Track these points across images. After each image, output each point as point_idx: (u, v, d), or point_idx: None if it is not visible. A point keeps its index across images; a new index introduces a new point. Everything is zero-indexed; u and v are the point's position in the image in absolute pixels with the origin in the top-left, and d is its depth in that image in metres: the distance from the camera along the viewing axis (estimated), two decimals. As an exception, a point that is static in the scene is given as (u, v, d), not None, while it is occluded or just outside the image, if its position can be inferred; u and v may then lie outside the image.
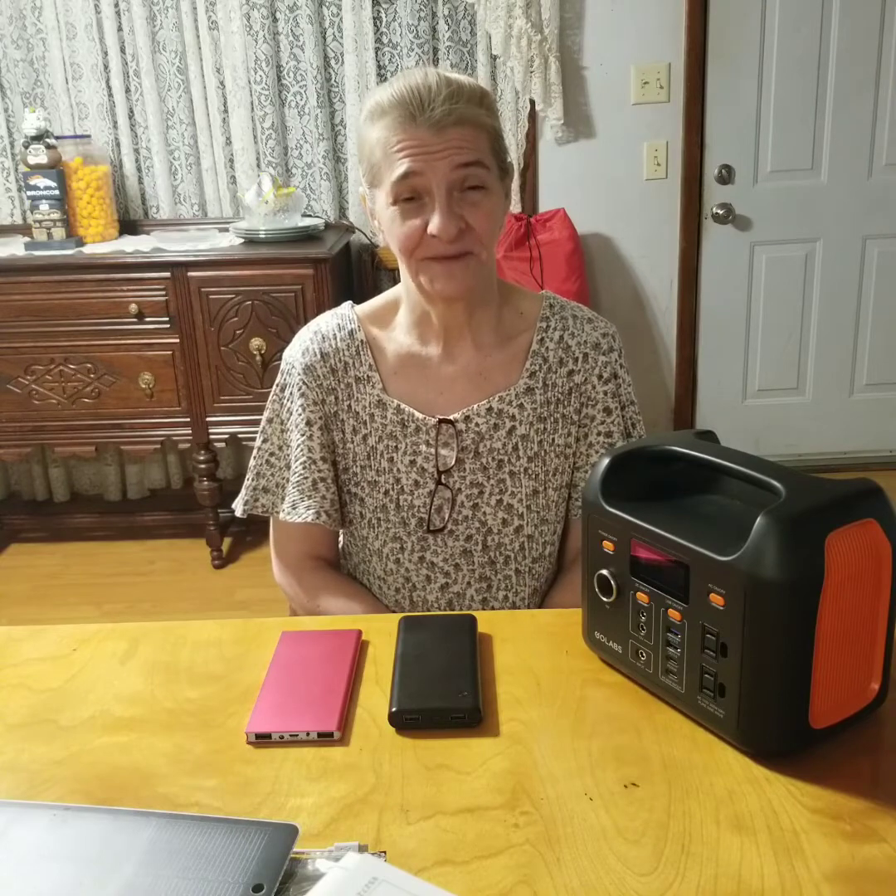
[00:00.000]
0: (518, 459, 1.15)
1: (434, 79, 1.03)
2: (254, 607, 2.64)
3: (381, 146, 1.04)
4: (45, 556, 3.08)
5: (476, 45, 2.89)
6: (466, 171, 1.03)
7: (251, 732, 0.79)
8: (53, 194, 2.73)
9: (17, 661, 0.94)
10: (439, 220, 1.03)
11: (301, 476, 1.17)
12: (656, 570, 0.78)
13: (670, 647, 0.78)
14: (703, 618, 0.74)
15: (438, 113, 1.01)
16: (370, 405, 1.15)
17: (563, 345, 1.16)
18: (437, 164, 1.02)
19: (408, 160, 1.02)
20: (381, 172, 1.06)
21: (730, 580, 0.71)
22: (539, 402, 1.15)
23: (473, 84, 1.06)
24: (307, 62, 2.89)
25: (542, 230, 2.91)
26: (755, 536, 0.69)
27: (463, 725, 0.80)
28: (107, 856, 0.65)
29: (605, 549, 0.83)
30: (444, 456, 1.14)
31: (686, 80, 2.94)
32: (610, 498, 0.82)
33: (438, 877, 0.64)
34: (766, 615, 0.69)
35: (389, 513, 1.17)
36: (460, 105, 1.02)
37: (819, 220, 3.08)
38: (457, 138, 1.02)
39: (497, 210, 1.08)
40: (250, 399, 2.68)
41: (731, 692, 0.73)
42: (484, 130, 1.05)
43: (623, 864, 0.64)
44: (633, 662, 0.83)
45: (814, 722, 0.72)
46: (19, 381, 2.72)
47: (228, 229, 2.86)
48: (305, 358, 1.16)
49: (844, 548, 0.69)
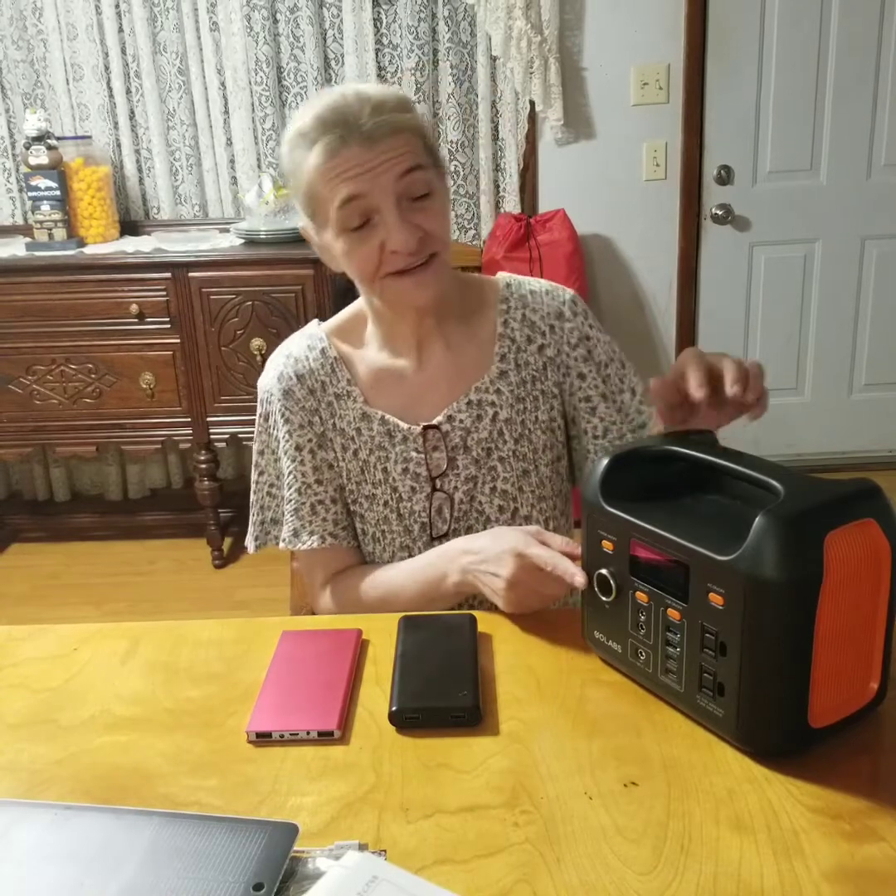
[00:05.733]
0: (505, 444, 1.15)
1: (353, 96, 1.01)
2: (254, 607, 2.64)
3: (317, 175, 1.01)
4: (46, 556, 3.08)
5: (476, 47, 2.89)
6: (409, 178, 1.01)
7: (251, 731, 0.80)
8: (54, 195, 2.73)
9: (18, 661, 0.94)
10: (397, 234, 1.00)
11: (298, 503, 1.15)
12: (656, 569, 0.78)
13: (669, 647, 0.78)
14: (702, 617, 0.74)
15: (368, 128, 0.99)
16: (355, 420, 1.14)
17: (527, 322, 1.16)
18: (380, 179, 1.00)
19: (349, 183, 0.99)
20: (322, 203, 1.03)
21: (729, 580, 0.71)
22: (515, 382, 1.15)
23: (392, 90, 1.05)
24: (308, 63, 2.89)
25: (541, 231, 2.91)
26: (754, 536, 0.69)
27: (463, 724, 0.80)
28: (108, 855, 0.65)
29: (604, 548, 0.83)
30: (435, 459, 1.14)
31: (685, 81, 2.94)
32: (609, 498, 0.83)
33: (438, 875, 0.64)
34: (765, 615, 0.70)
35: (392, 523, 1.16)
36: (386, 115, 1.00)
37: (818, 221, 3.09)
38: (391, 148, 1.00)
39: (446, 206, 1.08)
40: (251, 399, 2.67)
41: (730, 691, 0.73)
42: (414, 133, 1.03)
43: (623, 864, 0.64)
44: (633, 662, 0.83)
45: (813, 721, 0.72)
46: (20, 382, 2.72)
47: (229, 230, 2.86)
48: (282, 383, 1.14)
49: (843, 547, 0.69)
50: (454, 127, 2.95)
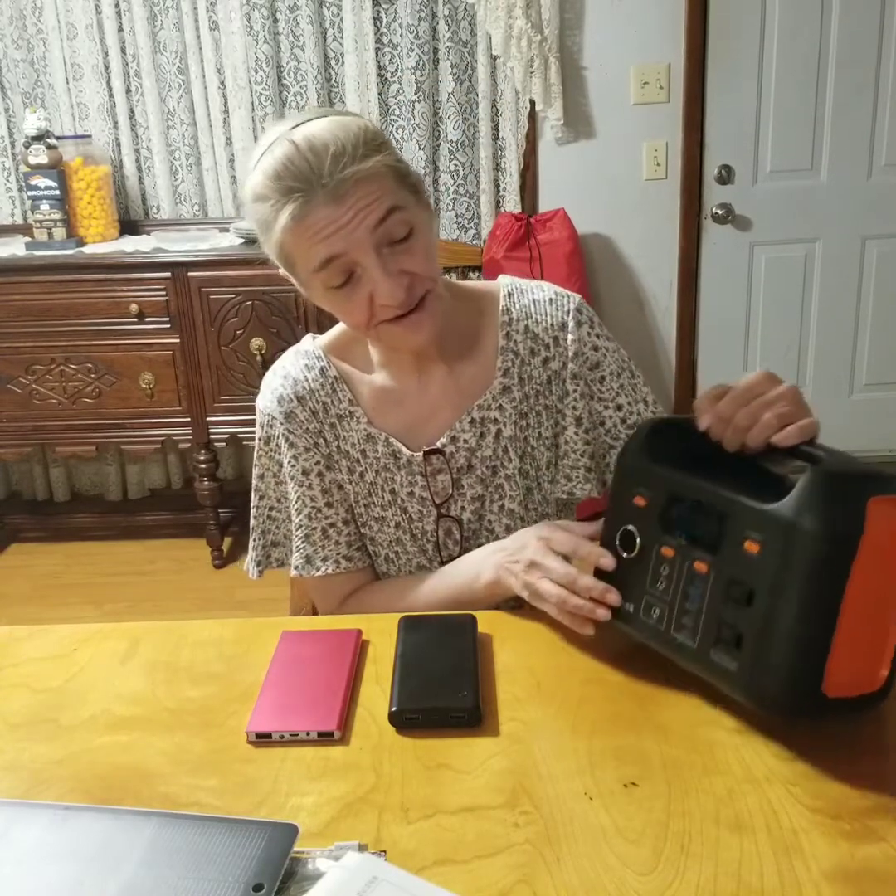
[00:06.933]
0: (510, 462, 1.11)
1: (305, 147, 0.92)
2: (254, 607, 2.64)
3: (288, 237, 0.95)
4: (46, 556, 3.08)
5: (476, 46, 2.89)
6: (386, 225, 0.94)
7: (251, 732, 0.80)
8: (54, 194, 2.73)
9: (18, 661, 0.94)
10: (384, 288, 0.95)
11: (309, 528, 1.11)
12: (689, 522, 0.80)
13: (688, 601, 0.79)
14: (732, 567, 0.75)
15: (332, 186, 0.91)
16: (359, 441, 1.10)
17: (531, 334, 1.11)
18: (355, 235, 0.93)
19: (323, 244, 0.93)
20: (299, 263, 0.98)
21: (770, 527, 0.72)
22: (518, 398, 1.11)
23: (347, 129, 0.94)
24: (307, 62, 2.89)
25: (541, 230, 2.91)
26: (802, 487, 0.71)
27: (463, 725, 0.80)
28: (107, 855, 0.65)
29: (635, 504, 0.85)
30: (440, 482, 1.11)
31: (686, 80, 2.94)
32: (650, 455, 0.85)
33: (438, 876, 0.64)
34: (801, 564, 0.71)
35: (406, 544, 1.13)
36: (349, 167, 0.91)
37: (819, 221, 3.08)
38: (361, 199, 0.92)
39: (430, 236, 1.00)
40: (251, 399, 2.66)
41: (748, 643, 0.73)
42: (384, 175, 0.94)
43: (623, 864, 0.64)
44: (644, 619, 0.83)
45: (826, 688, 0.72)
46: (20, 381, 2.72)
47: (229, 229, 2.86)
48: (283, 406, 1.10)
49: (884, 514, 0.71)
50: (454, 126, 2.95)
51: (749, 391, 0.83)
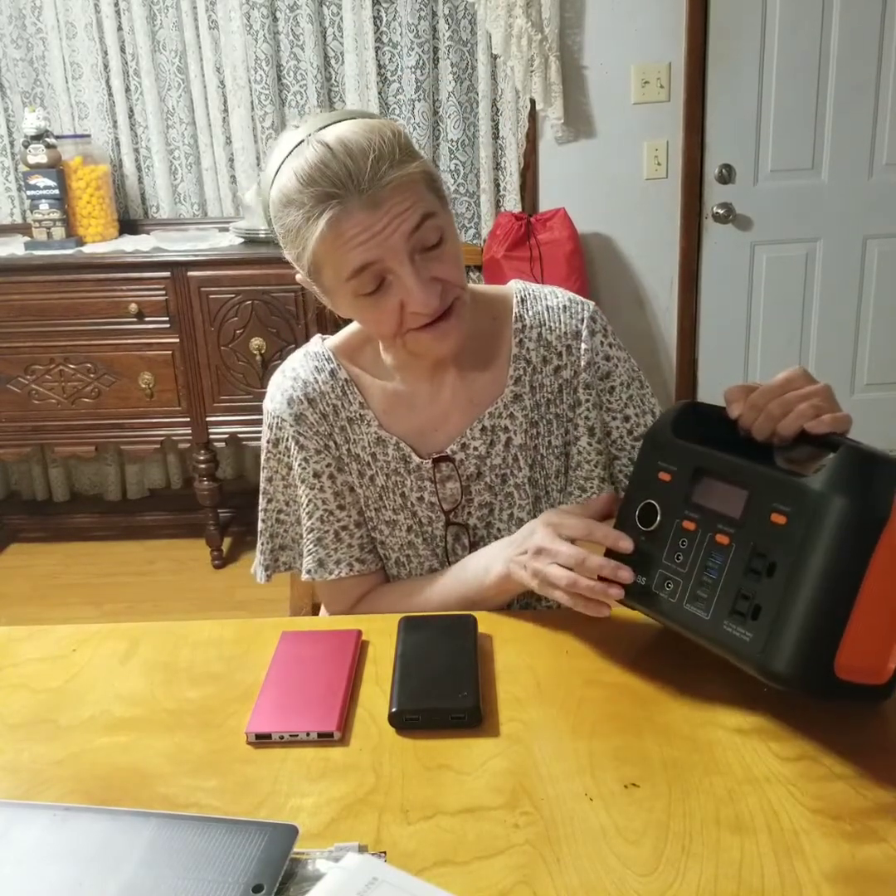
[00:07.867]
0: (520, 470, 1.10)
1: (341, 151, 0.90)
2: (254, 607, 2.64)
3: (320, 245, 0.93)
4: (45, 556, 3.08)
5: (476, 45, 2.89)
6: (420, 232, 0.93)
7: (251, 732, 0.79)
8: (53, 194, 2.73)
9: (17, 661, 0.94)
10: (418, 296, 0.93)
11: (321, 531, 1.09)
12: (713, 496, 0.81)
13: (706, 573, 0.80)
14: (755, 538, 0.76)
15: (371, 192, 0.90)
16: (370, 444, 1.09)
17: (544, 342, 1.10)
18: (390, 242, 0.92)
19: (357, 251, 0.92)
20: (329, 271, 0.96)
21: (799, 499, 0.74)
22: (529, 406, 1.10)
23: (384, 132, 0.93)
24: (307, 61, 2.89)
25: (542, 230, 2.91)
26: (834, 463, 0.73)
27: (463, 725, 0.79)
28: (107, 856, 0.65)
29: (660, 479, 0.86)
30: (449, 489, 1.10)
31: (686, 79, 2.94)
32: (678, 434, 0.87)
33: (438, 877, 0.64)
34: (828, 535, 0.71)
35: (418, 548, 1.12)
36: (388, 173, 0.90)
37: (819, 220, 3.08)
38: (396, 205, 0.91)
39: (458, 244, 1.00)
40: (250, 399, 2.68)
41: (765, 614, 0.74)
42: (418, 181, 0.93)
43: (623, 865, 0.64)
44: (656, 593, 0.84)
45: (837, 668, 0.72)
46: (19, 381, 2.72)
47: (228, 229, 2.86)
48: (293, 408, 1.07)
49: None
50: (454, 125, 2.95)
51: (784, 385, 0.84)
